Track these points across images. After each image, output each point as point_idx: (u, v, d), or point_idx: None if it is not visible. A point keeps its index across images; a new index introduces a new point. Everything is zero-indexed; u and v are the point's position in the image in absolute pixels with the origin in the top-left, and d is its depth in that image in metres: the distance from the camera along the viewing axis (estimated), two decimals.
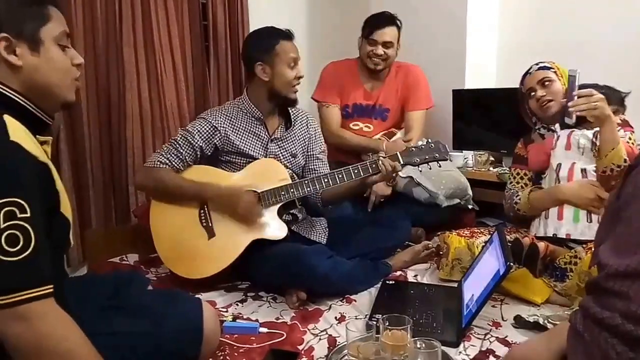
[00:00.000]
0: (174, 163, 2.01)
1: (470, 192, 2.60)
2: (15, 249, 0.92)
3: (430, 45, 3.04)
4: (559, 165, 1.97)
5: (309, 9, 3.44)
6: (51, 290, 0.97)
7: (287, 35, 2.09)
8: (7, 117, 1.00)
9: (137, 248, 2.33)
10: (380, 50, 2.65)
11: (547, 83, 2.01)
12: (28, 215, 0.94)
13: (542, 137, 2.11)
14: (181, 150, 2.02)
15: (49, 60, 1.12)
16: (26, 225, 0.94)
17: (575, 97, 1.82)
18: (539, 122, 2.12)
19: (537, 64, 2.07)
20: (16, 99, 1.09)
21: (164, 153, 2.03)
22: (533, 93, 2.04)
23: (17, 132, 0.99)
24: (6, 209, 0.92)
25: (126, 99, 2.58)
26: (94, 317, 1.19)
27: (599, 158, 1.84)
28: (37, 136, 1.10)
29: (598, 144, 1.85)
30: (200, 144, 2.04)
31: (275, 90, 2.08)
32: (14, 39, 1.07)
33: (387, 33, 2.63)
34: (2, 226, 0.91)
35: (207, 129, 2.06)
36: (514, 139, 2.26)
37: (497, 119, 2.83)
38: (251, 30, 2.90)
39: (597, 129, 1.85)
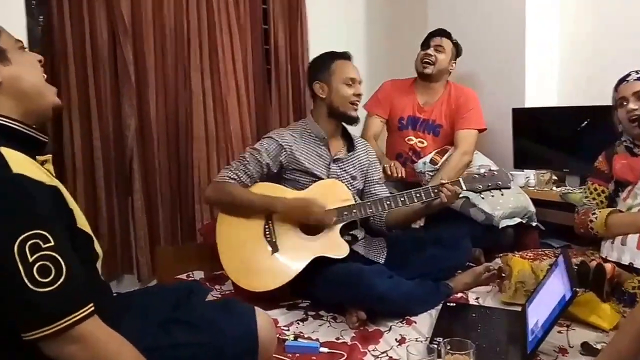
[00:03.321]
0: (242, 178, 2.09)
1: (532, 208, 2.55)
2: (49, 279, 0.93)
3: (489, 64, 3.02)
4: None
5: (367, 31, 3.49)
6: (92, 309, 0.99)
7: (344, 56, 2.22)
8: (4, 150, 0.98)
9: (202, 265, 2.41)
10: (431, 51, 2.71)
11: None
12: (52, 243, 0.95)
13: (629, 151, 1.99)
14: (249, 167, 2.10)
15: (21, 63, 1.11)
16: (53, 253, 0.94)
17: None
18: (625, 134, 2.01)
19: (637, 72, 1.95)
20: (8, 123, 1.07)
21: (232, 169, 2.11)
22: (625, 103, 1.94)
23: (18, 162, 0.98)
24: (30, 242, 0.93)
25: (193, 121, 2.70)
26: (155, 330, 1.22)
27: None
28: (37, 157, 1.10)
29: None
30: (268, 162, 2.12)
31: (333, 108, 2.16)
32: None
33: (439, 39, 2.72)
34: (31, 260, 0.92)
35: (274, 147, 2.14)
36: (577, 158, 2.20)
37: (559, 137, 2.76)
38: (311, 53, 3.01)
39: None
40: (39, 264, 0.93)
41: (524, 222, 2.53)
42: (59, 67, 2.40)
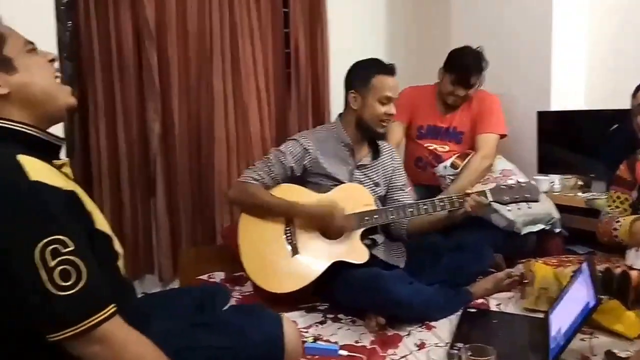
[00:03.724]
0: (265, 180, 2.09)
1: (556, 214, 2.50)
2: (70, 283, 0.96)
3: (514, 67, 2.97)
4: None
5: (388, 35, 3.47)
6: (115, 309, 1.01)
7: (389, 70, 2.12)
8: (21, 157, 0.99)
9: (223, 266, 2.43)
10: (462, 92, 2.64)
11: None
12: (72, 248, 0.97)
13: None
14: (273, 169, 2.11)
15: (29, 69, 1.10)
16: (73, 257, 0.96)
17: None
18: None
19: None
20: (22, 129, 1.08)
21: (256, 170, 2.11)
22: None
23: (35, 168, 0.99)
24: (50, 248, 0.95)
25: (214, 124, 2.73)
26: (181, 332, 1.24)
27: None
28: (53, 161, 1.11)
29: None
30: (292, 164, 2.12)
31: (362, 121, 2.13)
32: None
33: (473, 79, 2.62)
34: (52, 265, 0.94)
35: (299, 150, 2.14)
36: (604, 163, 2.16)
37: (585, 141, 2.72)
38: (331, 58, 3.01)
39: None
40: (59, 268, 0.95)
41: (546, 228, 2.49)
42: (86, 72, 2.45)
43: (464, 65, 2.62)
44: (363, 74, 2.12)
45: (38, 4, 2.11)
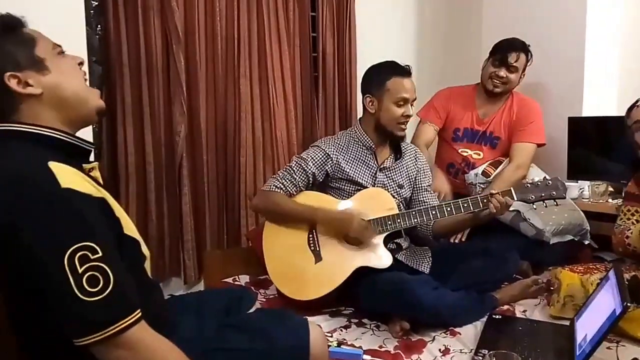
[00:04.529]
0: (288, 188, 2.11)
1: (587, 226, 2.45)
2: (97, 289, 0.97)
3: (546, 72, 2.93)
4: None
5: (418, 39, 3.45)
6: (139, 315, 1.02)
7: (403, 72, 2.11)
8: (52, 164, 1.00)
9: (247, 269, 2.45)
10: (503, 72, 2.60)
11: None
12: (100, 254, 0.98)
13: None
14: (295, 177, 2.12)
15: (61, 70, 1.12)
16: (101, 264, 0.98)
17: None
18: None
19: None
20: (51, 134, 1.09)
21: (279, 178, 2.13)
22: None
23: (66, 176, 1.01)
24: (79, 254, 0.96)
25: (241, 127, 2.75)
26: (209, 333, 1.26)
27: None
28: (83, 165, 1.13)
29: None
30: (314, 171, 2.13)
31: (380, 125, 2.14)
32: (19, 73, 1.07)
33: (515, 57, 2.58)
34: (80, 271, 0.96)
35: (321, 156, 2.15)
36: (635, 169, 2.13)
37: (616, 147, 2.67)
38: (359, 61, 3.01)
39: None
40: (88, 274, 0.97)
41: (575, 239, 2.44)
42: (115, 75, 2.50)
43: (507, 43, 2.61)
44: (378, 77, 2.12)
45: (68, 8, 2.15)
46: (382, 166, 2.20)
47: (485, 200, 1.94)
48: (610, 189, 2.71)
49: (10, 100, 1.08)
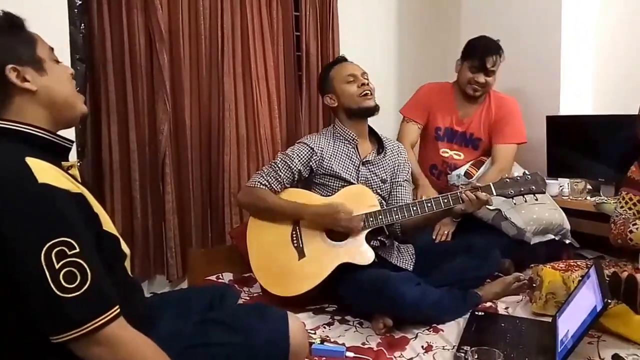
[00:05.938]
0: (272, 185, 2.13)
1: (567, 225, 2.49)
2: (74, 285, 0.96)
3: (522, 70, 2.97)
4: None
5: (398, 37, 3.48)
6: (117, 312, 1.02)
7: (338, 60, 2.34)
8: (29, 160, 1.00)
9: (231, 267, 2.45)
10: (482, 78, 2.59)
11: None
12: (77, 250, 0.98)
13: None
14: (280, 173, 2.13)
15: (55, 76, 1.15)
16: (78, 260, 0.97)
17: None
18: None
19: None
20: (31, 131, 1.10)
21: (264, 175, 2.15)
22: None
23: (43, 171, 1.00)
24: (56, 249, 0.96)
25: (225, 126, 2.74)
26: (192, 329, 1.26)
27: None
28: (62, 162, 1.13)
29: None
30: (299, 168, 2.15)
31: (347, 108, 2.21)
32: (19, 67, 1.09)
33: (492, 61, 2.57)
34: (57, 267, 0.96)
35: (306, 152, 2.18)
36: (613, 167, 2.15)
37: (594, 146, 2.71)
38: None
39: None
40: (65, 270, 0.96)
41: (556, 239, 2.48)
42: (99, 74, 2.47)
43: (481, 47, 2.59)
44: (323, 76, 2.32)
45: (52, 6, 2.13)
46: (364, 160, 2.21)
47: (463, 196, 1.95)
48: (589, 186, 2.76)
49: (4, 93, 1.09)
